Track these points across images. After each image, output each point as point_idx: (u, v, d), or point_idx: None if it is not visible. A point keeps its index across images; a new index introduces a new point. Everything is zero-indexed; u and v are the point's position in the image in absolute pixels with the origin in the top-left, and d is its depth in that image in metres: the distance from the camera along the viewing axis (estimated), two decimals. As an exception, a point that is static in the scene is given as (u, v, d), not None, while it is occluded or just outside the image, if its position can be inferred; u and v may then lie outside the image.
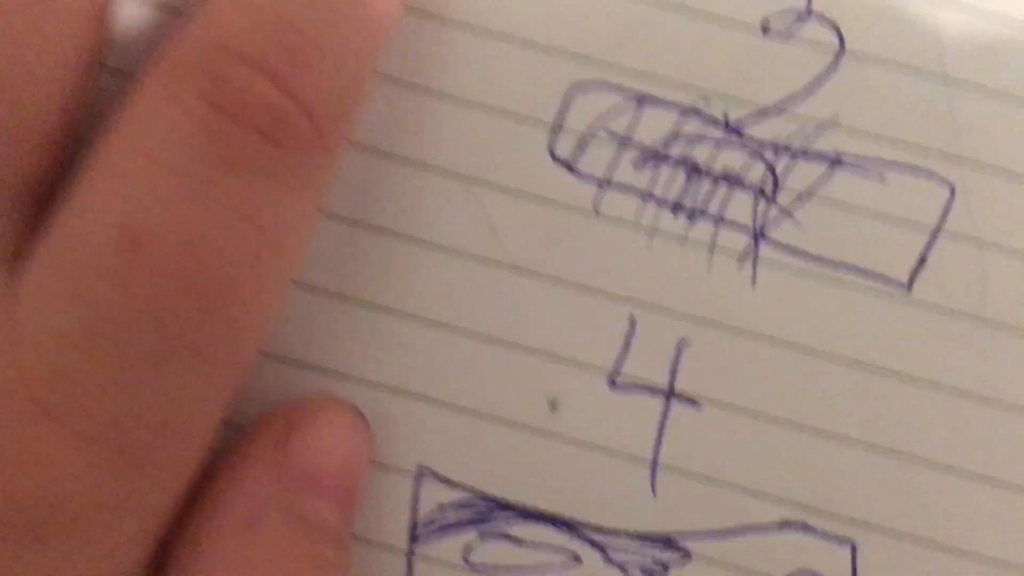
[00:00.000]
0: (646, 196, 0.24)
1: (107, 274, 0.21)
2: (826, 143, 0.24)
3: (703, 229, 0.24)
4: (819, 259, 0.24)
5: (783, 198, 0.24)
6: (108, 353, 0.21)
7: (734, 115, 0.24)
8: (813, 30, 0.24)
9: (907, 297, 0.24)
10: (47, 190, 0.23)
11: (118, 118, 0.22)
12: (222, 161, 0.21)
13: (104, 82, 0.24)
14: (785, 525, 0.24)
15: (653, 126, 0.24)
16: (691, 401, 0.24)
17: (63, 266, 0.21)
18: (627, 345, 0.24)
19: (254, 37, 0.22)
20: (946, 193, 0.24)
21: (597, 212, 0.24)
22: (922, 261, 0.24)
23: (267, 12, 0.22)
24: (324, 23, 0.22)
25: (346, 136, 0.23)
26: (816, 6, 0.24)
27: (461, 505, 0.25)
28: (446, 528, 0.25)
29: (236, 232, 0.21)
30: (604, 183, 0.24)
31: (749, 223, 0.24)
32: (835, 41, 0.24)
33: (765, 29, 0.24)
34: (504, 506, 0.24)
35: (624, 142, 0.24)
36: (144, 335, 0.21)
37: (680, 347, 0.24)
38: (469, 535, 0.24)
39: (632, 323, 0.24)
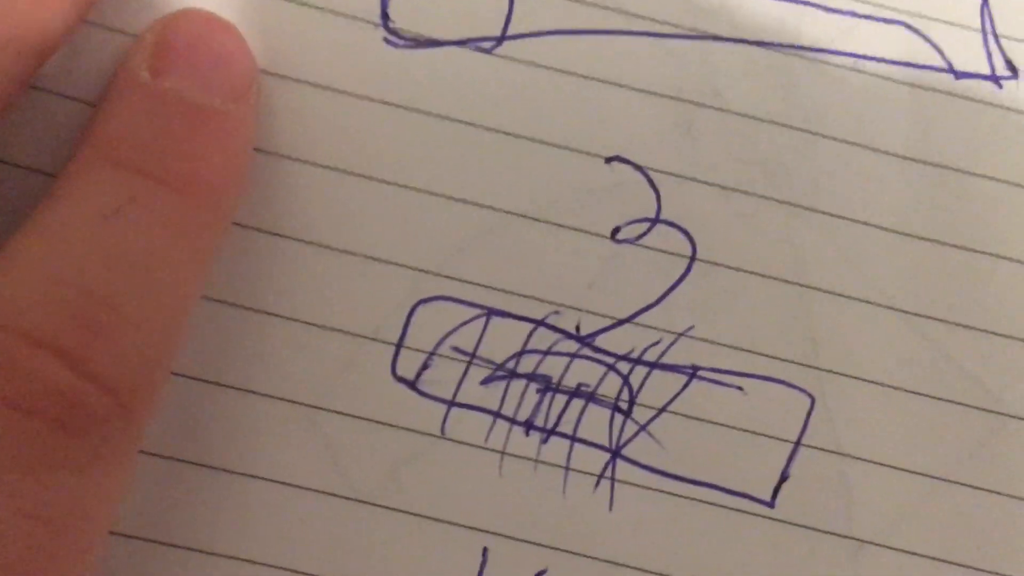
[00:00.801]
0: (495, 415, 0.23)
1: None
2: (682, 355, 0.23)
3: (557, 449, 0.23)
4: (678, 478, 0.23)
5: (640, 413, 0.23)
6: None
7: (587, 327, 0.23)
8: (665, 238, 0.23)
9: (770, 514, 0.23)
10: None
11: None
12: (6, 459, 0.18)
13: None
14: None
15: (502, 341, 0.23)
16: (549, 637, 0.23)
17: None
18: (480, 579, 0.22)
19: (44, 313, 0.19)
20: (806, 404, 0.23)
21: (444, 434, 0.23)
22: (784, 476, 0.23)
23: (59, 280, 0.19)
24: (123, 285, 0.19)
25: (157, 395, 0.21)
26: (666, 213, 0.23)
27: None
28: None
29: (22, 534, 0.18)
30: (450, 403, 0.23)
31: (605, 441, 0.23)
32: (688, 249, 0.23)
33: (615, 237, 0.23)
34: None
35: (471, 358, 0.23)
36: None
37: (536, 579, 0.23)
38: None
39: (485, 555, 0.22)
